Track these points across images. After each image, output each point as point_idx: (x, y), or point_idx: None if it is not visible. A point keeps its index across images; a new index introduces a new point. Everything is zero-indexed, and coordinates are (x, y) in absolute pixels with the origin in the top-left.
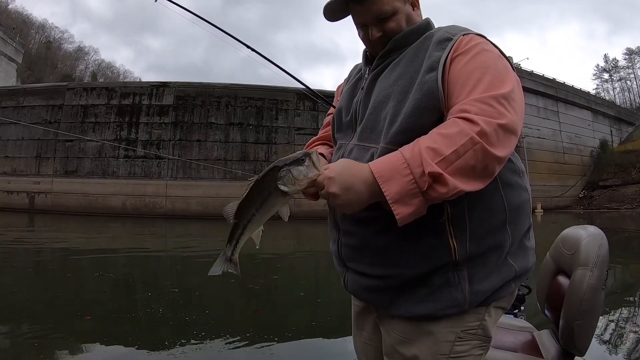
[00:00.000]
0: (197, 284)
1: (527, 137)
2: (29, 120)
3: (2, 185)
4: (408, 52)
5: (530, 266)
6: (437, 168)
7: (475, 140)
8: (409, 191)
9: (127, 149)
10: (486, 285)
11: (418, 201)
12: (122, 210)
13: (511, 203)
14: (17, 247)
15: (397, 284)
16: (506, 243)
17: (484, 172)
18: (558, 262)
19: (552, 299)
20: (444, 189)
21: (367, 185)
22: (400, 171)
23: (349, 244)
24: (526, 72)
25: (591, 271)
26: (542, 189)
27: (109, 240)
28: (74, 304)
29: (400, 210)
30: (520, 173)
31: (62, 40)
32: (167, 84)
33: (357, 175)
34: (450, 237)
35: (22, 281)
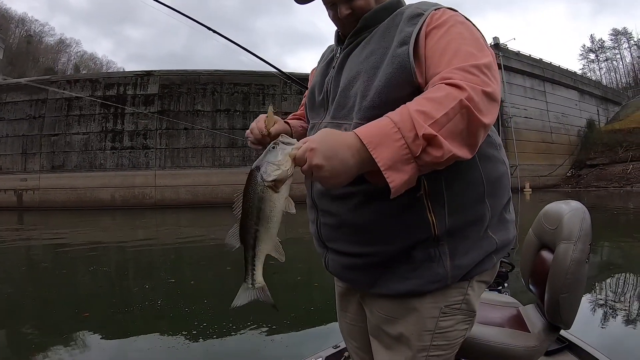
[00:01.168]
0: (193, 273)
1: (514, 117)
2: (12, 116)
3: None
4: (379, 29)
5: (511, 238)
6: (430, 130)
7: (464, 104)
8: (401, 157)
9: (114, 140)
10: (467, 260)
11: (411, 168)
12: (111, 202)
13: (489, 176)
14: (8, 246)
15: (378, 261)
16: (486, 216)
17: (471, 138)
18: (541, 238)
19: (537, 274)
20: (439, 152)
21: (353, 152)
22: (391, 136)
23: (327, 223)
24: (513, 52)
25: (574, 245)
26: (530, 168)
27: (101, 234)
28: (71, 300)
29: (393, 177)
30: (497, 146)
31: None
32: (151, 73)
33: (341, 142)
34: (429, 211)
35: (16, 280)
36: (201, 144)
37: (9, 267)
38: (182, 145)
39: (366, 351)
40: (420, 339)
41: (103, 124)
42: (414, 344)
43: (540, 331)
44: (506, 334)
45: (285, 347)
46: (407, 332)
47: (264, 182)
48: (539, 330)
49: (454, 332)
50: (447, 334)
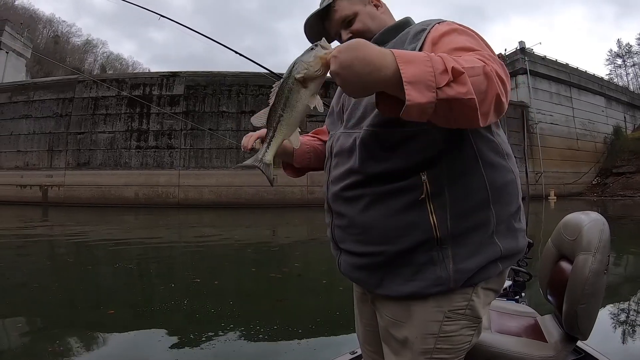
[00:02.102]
0: (217, 273)
1: (540, 123)
2: (40, 114)
3: (15, 180)
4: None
5: (520, 248)
6: (460, 67)
7: (487, 69)
8: (426, 80)
9: (139, 139)
10: (470, 264)
11: (431, 95)
12: (135, 200)
13: (494, 182)
14: (33, 241)
15: (382, 261)
16: (490, 222)
17: (486, 104)
18: (560, 248)
19: (555, 284)
20: (464, 88)
21: (381, 58)
22: (423, 61)
23: (339, 225)
24: (539, 57)
25: (593, 256)
26: (555, 176)
27: (125, 231)
28: (95, 297)
29: (411, 93)
30: (505, 155)
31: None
32: (177, 74)
33: (373, 47)
34: (431, 213)
35: (41, 275)
36: (225, 145)
37: (34, 261)
38: (207, 146)
39: (381, 355)
40: (424, 342)
41: (129, 123)
42: (417, 347)
43: (557, 341)
44: (523, 344)
45: (313, 350)
46: (412, 335)
47: (294, 77)
48: (556, 341)
49: (459, 337)
50: (452, 339)
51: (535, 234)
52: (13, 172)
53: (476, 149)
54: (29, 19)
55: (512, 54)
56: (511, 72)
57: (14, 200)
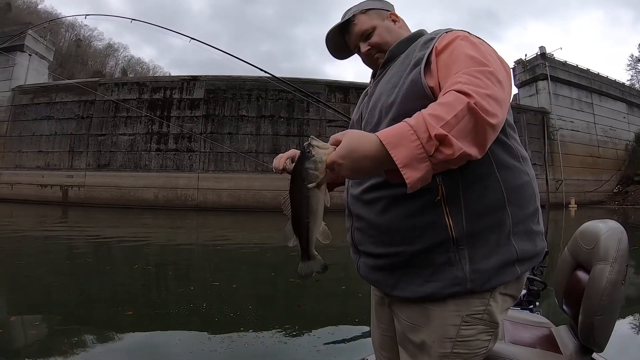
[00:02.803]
0: (236, 276)
1: (560, 129)
2: (61, 115)
3: (36, 179)
4: (400, 58)
5: (537, 251)
6: (442, 130)
7: (470, 106)
8: (416, 155)
9: (159, 142)
10: (486, 265)
11: (425, 166)
12: (154, 202)
13: (509, 184)
14: (52, 240)
15: (400, 262)
16: (506, 222)
17: (480, 137)
18: (577, 257)
19: (571, 294)
20: (450, 150)
21: (374, 150)
22: (408, 137)
23: (359, 228)
24: (560, 62)
25: (611, 266)
26: (576, 183)
27: (144, 233)
28: (114, 297)
29: (409, 174)
30: (520, 158)
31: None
32: (197, 78)
33: (363, 141)
34: (446, 215)
35: (60, 274)
36: (245, 149)
37: (53, 260)
38: (226, 150)
39: None
40: (442, 346)
41: (149, 126)
42: (435, 350)
43: (572, 353)
44: (537, 355)
45: (334, 358)
46: (429, 339)
47: (306, 186)
48: (570, 352)
49: (476, 342)
50: (469, 343)
51: (554, 243)
52: (34, 172)
53: (490, 151)
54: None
55: (532, 59)
56: (532, 78)
57: (35, 200)
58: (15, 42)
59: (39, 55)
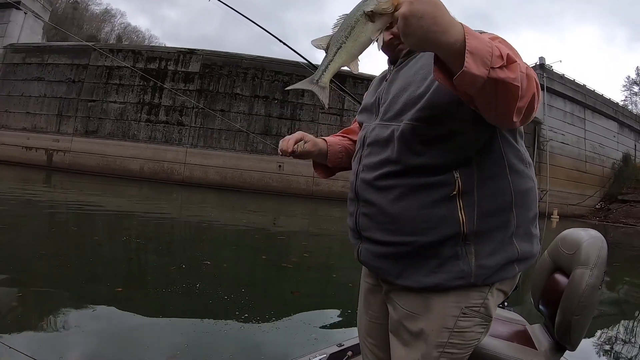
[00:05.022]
0: (227, 257)
1: (551, 140)
2: (53, 78)
3: (21, 141)
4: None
5: (534, 252)
6: (513, 57)
7: (529, 72)
8: (484, 57)
9: (149, 112)
10: (491, 261)
11: (484, 71)
12: (139, 174)
13: (517, 187)
14: (36, 205)
15: (408, 251)
16: (511, 224)
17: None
18: (557, 261)
19: (548, 295)
20: (513, 74)
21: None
22: (485, 41)
23: (367, 213)
24: (557, 74)
25: (591, 271)
26: (560, 195)
27: (131, 204)
28: (103, 271)
29: (470, 63)
30: (527, 164)
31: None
32: (194, 51)
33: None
34: (460, 210)
35: (44, 243)
36: (236, 128)
37: (39, 227)
38: (217, 127)
39: (382, 349)
40: (439, 335)
41: (141, 96)
42: (432, 339)
43: (547, 350)
44: (515, 349)
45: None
46: (428, 328)
47: (363, 9)
48: (545, 349)
49: (471, 334)
50: (464, 334)
51: None
52: (20, 133)
53: (504, 154)
54: None
55: None
56: None
57: (19, 162)
58: None
59: (35, 14)
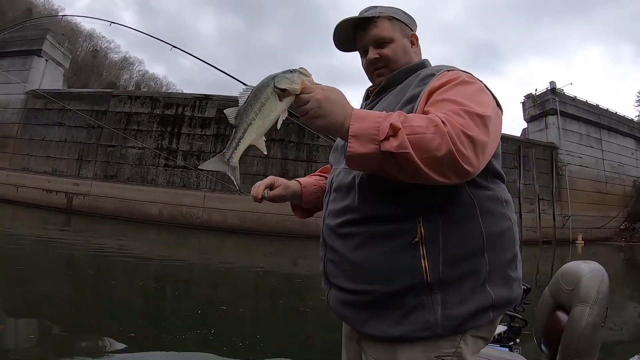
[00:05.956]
0: (243, 301)
1: (569, 165)
2: (73, 123)
3: (42, 184)
4: (397, 88)
5: (513, 297)
6: (399, 124)
7: (441, 129)
8: (370, 134)
9: (167, 158)
10: (460, 311)
11: (373, 147)
12: (158, 217)
13: (490, 230)
14: (55, 247)
15: (371, 300)
16: (483, 270)
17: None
18: (557, 298)
19: (550, 334)
20: (396, 142)
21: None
22: (374, 119)
23: (332, 259)
24: (569, 97)
25: (591, 308)
26: (583, 220)
27: (149, 248)
28: (117, 315)
29: (354, 145)
30: (503, 202)
31: (109, 50)
32: (210, 97)
33: (343, 103)
34: (423, 258)
35: (61, 285)
36: (253, 171)
37: (56, 269)
38: None
39: None
40: None
41: (159, 141)
42: None
43: None
44: None
45: None
46: None
47: (274, 87)
48: None
49: None
50: None
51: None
52: (41, 177)
53: (472, 196)
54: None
55: (542, 94)
56: (541, 113)
57: (39, 204)
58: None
59: (56, 61)
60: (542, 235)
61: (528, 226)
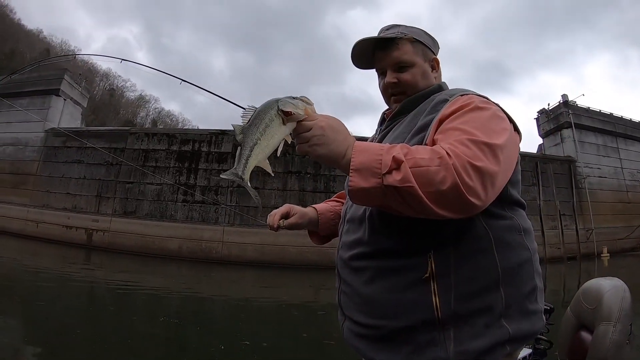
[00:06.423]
0: (266, 335)
1: (588, 177)
2: (92, 160)
3: (62, 220)
4: (411, 114)
5: (533, 331)
6: (402, 157)
7: (445, 161)
8: (372, 167)
9: (186, 193)
10: (473, 346)
11: (376, 181)
12: (178, 253)
13: (506, 263)
14: (75, 282)
15: (382, 335)
16: (498, 305)
17: (442, 195)
18: (579, 317)
19: (574, 356)
20: (399, 175)
21: (345, 145)
22: (376, 151)
23: (345, 292)
24: (582, 109)
25: (614, 326)
26: (607, 232)
27: (169, 283)
28: (139, 352)
29: (355, 179)
30: (522, 231)
31: (125, 89)
32: (225, 132)
33: (345, 134)
34: (434, 294)
35: (82, 320)
36: (271, 204)
37: (77, 305)
38: (253, 204)
39: None
40: None
41: (177, 177)
42: None
43: None
44: None
45: None
46: None
47: (278, 109)
48: None
49: None
50: None
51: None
52: (61, 213)
53: (487, 227)
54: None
55: (555, 108)
56: (556, 127)
57: (59, 240)
58: (52, 86)
59: (74, 100)
60: (566, 251)
61: (551, 243)
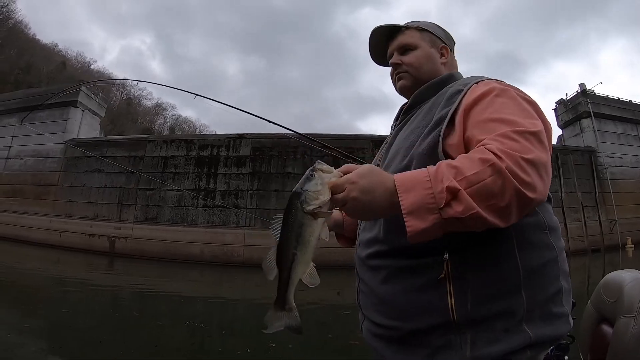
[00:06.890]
0: (291, 337)
1: (609, 167)
2: (111, 169)
3: (84, 229)
4: (425, 107)
5: (558, 334)
6: (455, 184)
7: (497, 166)
8: (426, 204)
9: (206, 198)
10: (491, 351)
11: (434, 218)
12: (200, 257)
13: (529, 264)
14: (99, 289)
15: (398, 336)
16: (519, 309)
17: (506, 206)
18: (600, 311)
19: (596, 350)
20: (460, 206)
21: (387, 193)
22: (422, 184)
23: (363, 291)
24: (601, 97)
25: (635, 319)
26: (631, 222)
27: (193, 288)
28: (165, 358)
29: (412, 223)
30: (547, 229)
31: (142, 97)
32: (243, 136)
33: (380, 182)
34: (450, 296)
35: (107, 327)
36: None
37: (102, 311)
38: (273, 206)
39: None
40: None
41: (196, 182)
42: None
43: None
44: None
45: None
46: None
47: (304, 210)
48: None
49: None
50: None
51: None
52: (83, 222)
53: (512, 226)
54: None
55: (573, 98)
56: (575, 117)
57: (82, 248)
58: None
59: (92, 111)
60: (590, 243)
61: (575, 236)
